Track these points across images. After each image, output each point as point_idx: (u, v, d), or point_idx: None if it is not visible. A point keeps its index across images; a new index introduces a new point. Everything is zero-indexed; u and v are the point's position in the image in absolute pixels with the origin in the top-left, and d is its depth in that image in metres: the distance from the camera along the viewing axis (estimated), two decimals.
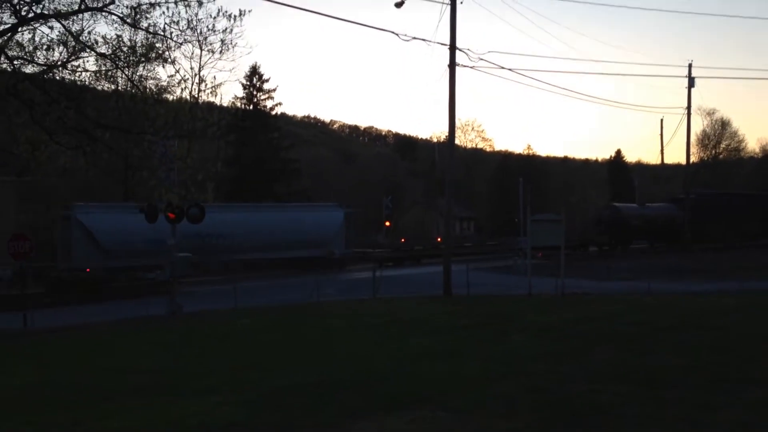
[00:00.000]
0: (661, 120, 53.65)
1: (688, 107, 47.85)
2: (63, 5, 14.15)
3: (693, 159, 58.56)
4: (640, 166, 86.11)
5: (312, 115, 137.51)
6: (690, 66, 47.28)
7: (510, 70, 32.85)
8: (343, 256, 38.97)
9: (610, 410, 7.57)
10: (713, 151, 70.08)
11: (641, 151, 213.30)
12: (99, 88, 16.55)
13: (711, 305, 17.52)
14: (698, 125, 79.40)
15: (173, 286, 19.83)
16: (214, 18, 15.06)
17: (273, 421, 7.46)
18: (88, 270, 28.79)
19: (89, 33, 14.52)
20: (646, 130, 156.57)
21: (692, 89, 47.36)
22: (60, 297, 25.90)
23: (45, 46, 13.94)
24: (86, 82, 15.51)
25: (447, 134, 25.84)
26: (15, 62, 13.89)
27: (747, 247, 48.17)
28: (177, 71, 17.38)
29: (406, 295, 23.70)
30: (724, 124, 70.61)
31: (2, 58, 14.25)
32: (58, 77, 14.81)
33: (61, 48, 14.18)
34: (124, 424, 7.55)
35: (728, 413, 7.40)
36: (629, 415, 7.37)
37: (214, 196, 13.72)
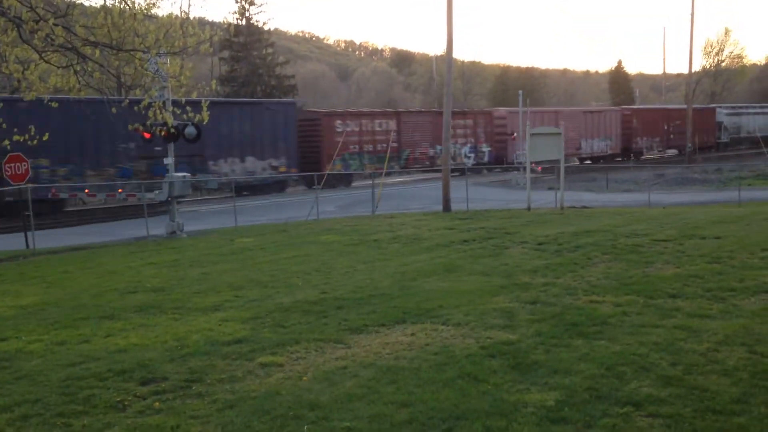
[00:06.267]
0: (664, 28, 52.53)
1: (692, 14, 46.66)
2: None
3: (695, 68, 57.52)
4: (642, 77, 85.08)
5: (306, 30, 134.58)
6: None
7: None
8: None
9: (609, 320, 7.70)
10: (716, 59, 68.99)
11: (643, 62, 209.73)
12: (87, 3, 16.00)
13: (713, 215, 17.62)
14: (701, 34, 77.72)
15: (171, 205, 19.83)
16: None
17: (276, 337, 7.59)
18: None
19: None
20: (648, 40, 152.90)
21: None
22: (59, 218, 25.95)
23: None
24: None
25: (445, 47, 25.28)
26: None
27: None
28: None
29: (405, 211, 23.78)
30: (727, 32, 69.26)
31: None
32: None
33: None
34: (131, 341, 7.68)
35: (725, 322, 7.53)
36: (628, 325, 7.50)
37: (209, 114, 13.46)
